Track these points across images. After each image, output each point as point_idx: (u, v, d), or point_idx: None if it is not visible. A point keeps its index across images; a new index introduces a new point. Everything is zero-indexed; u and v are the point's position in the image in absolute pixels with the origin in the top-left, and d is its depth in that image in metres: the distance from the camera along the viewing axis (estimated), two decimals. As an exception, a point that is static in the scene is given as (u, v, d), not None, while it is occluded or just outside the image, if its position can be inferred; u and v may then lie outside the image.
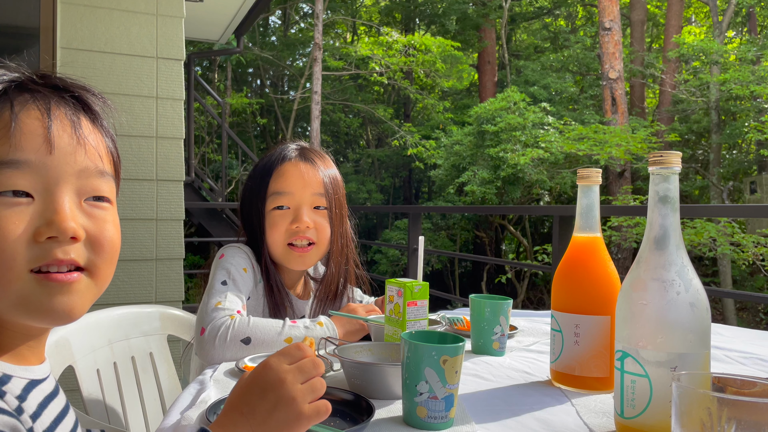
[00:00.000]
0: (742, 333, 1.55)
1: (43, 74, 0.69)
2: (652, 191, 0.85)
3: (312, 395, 0.70)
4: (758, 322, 10.87)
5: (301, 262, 1.45)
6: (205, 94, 12.27)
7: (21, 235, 0.61)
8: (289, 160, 1.46)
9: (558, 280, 1.08)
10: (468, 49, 15.62)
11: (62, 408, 0.69)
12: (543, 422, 0.88)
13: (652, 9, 15.99)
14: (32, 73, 0.68)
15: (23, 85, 0.66)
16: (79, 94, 0.70)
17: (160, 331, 1.64)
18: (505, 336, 1.26)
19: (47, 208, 0.63)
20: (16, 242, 0.61)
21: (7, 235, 0.61)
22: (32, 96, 0.65)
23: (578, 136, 10.21)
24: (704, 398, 0.60)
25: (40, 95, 0.66)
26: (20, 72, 0.68)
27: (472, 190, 10.99)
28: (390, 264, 13.09)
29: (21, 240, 0.61)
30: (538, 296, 13.03)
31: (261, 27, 17.70)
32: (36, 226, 0.62)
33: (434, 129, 14.34)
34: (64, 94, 0.68)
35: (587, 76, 14.78)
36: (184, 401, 0.95)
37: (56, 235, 0.63)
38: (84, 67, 2.82)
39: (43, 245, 0.62)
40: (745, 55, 10.75)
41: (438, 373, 0.82)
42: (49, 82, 0.68)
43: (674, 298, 0.79)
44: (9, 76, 0.66)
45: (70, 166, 0.66)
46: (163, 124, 3.01)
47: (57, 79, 0.69)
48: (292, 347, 0.73)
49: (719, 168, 12.12)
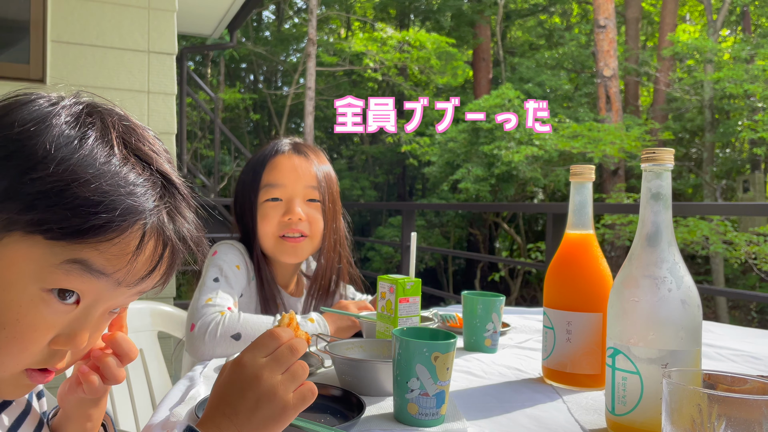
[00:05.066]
0: (733, 330, 1.55)
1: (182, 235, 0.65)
2: (644, 188, 0.84)
3: (294, 383, 0.67)
4: (750, 320, 10.94)
5: (293, 253, 1.44)
6: (198, 89, 12.21)
7: (44, 337, 0.59)
8: (282, 153, 1.46)
9: (550, 277, 1.07)
10: (463, 45, 15.61)
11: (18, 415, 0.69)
12: (534, 419, 0.88)
13: (647, 7, 16.02)
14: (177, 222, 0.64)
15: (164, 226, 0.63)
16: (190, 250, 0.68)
17: (151, 327, 1.63)
18: (497, 333, 1.26)
19: (76, 324, 0.61)
20: (38, 343, 0.59)
21: (36, 336, 0.59)
22: (170, 245, 0.63)
23: (572, 134, 10.23)
24: (695, 395, 0.60)
25: (171, 242, 0.63)
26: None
27: (466, 187, 11.00)
28: (383, 261, 13.09)
29: (42, 341, 0.59)
30: (532, 294, 13.07)
31: (254, 22, 17.63)
32: (57, 334, 0.60)
33: (428, 125, 14.34)
34: (184, 247, 0.66)
35: (582, 73, 14.80)
36: (174, 397, 0.95)
37: (68, 349, 0.62)
38: (75, 61, 2.80)
39: (51, 350, 0.61)
40: (739, 53, 10.79)
41: (429, 369, 0.82)
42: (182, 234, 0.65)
43: (666, 295, 0.79)
44: (164, 202, 0.63)
45: (130, 292, 0.64)
46: (154, 119, 2.99)
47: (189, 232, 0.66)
48: (266, 336, 0.70)
49: (712, 166, 12.17)
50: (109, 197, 0.57)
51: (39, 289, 0.57)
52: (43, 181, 0.55)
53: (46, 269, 0.57)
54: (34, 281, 0.57)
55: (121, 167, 0.59)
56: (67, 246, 0.56)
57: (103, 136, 0.60)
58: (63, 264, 0.57)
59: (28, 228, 0.56)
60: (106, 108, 0.65)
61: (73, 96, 0.64)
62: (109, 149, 0.59)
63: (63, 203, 0.55)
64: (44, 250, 0.56)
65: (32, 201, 0.55)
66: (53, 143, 0.57)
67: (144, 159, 0.62)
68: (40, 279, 0.57)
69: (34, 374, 0.61)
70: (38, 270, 0.57)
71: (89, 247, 0.57)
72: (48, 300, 0.58)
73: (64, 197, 0.55)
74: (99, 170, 0.57)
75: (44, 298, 0.58)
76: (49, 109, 0.60)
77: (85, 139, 0.58)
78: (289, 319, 0.75)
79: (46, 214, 0.55)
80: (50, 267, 0.57)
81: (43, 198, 0.55)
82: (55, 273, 0.57)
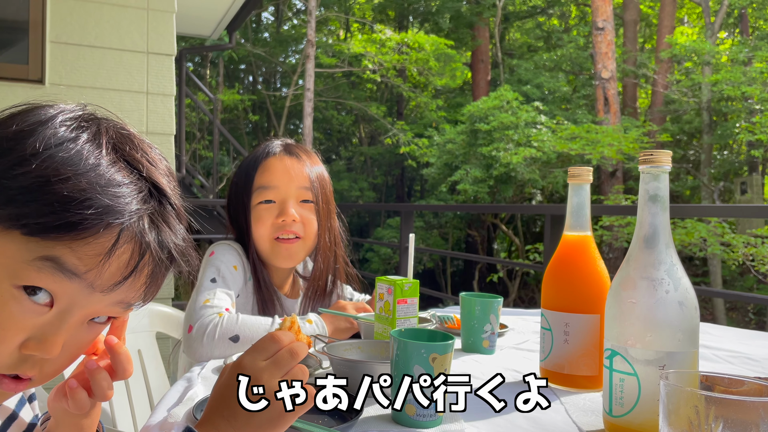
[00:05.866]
0: (730, 332, 1.55)
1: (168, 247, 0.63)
2: (642, 190, 0.84)
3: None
4: (748, 321, 10.96)
5: (287, 256, 1.44)
6: (197, 90, 12.22)
7: (14, 338, 0.58)
8: (274, 155, 1.46)
9: (548, 278, 1.08)
10: (461, 47, 15.63)
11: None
12: (532, 421, 0.88)
13: (645, 9, 16.05)
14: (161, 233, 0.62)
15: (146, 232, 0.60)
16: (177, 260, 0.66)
17: (149, 328, 1.63)
18: (495, 334, 1.26)
19: (49, 328, 0.59)
20: (8, 343, 0.58)
21: (6, 335, 0.57)
22: (149, 253, 0.61)
23: (570, 136, 10.24)
24: (692, 396, 0.60)
25: (151, 251, 0.61)
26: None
27: (465, 188, 11.00)
28: (382, 262, 13.09)
29: (11, 342, 0.58)
30: (530, 295, 13.07)
31: (253, 23, 17.63)
32: (29, 337, 0.58)
33: (427, 127, 14.34)
34: (171, 260, 0.64)
35: (580, 75, 14.82)
36: (171, 398, 0.95)
37: (38, 355, 0.59)
38: (73, 62, 2.80)
39: (22, 355, 0.58)
40: (737, 56, 10.81)
41: (427, 371, 0.82)
42: (167, 246, 0.63)
43: (663, 296, 0.79)
44: (148, 207, 0.61)
45: (107, 300, 0.61)
46: (153, 119, 2.99)
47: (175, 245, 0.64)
48: (266, 339, 0.70)
49: (710, 168, 12.19)
50: (87, 195, 0.56)
51: (10, 285, 0.56)
52: (26, 176, 0.55)
53: (19, 265, 0.56)
54: (7, 277, 0.56)
55: (107, 169, 0.59)
56: (41, 242, 0.56)
57: (94, 139, 0.60)
58: (35, 260, 0.56)
59: (7, 223, 0.56)
60: (106, 117, 0.65)
61: (79, 105, 0.64)
62: (98, 152, 0.59)
63: (42, 199, 0.55)
64: (19, 246, 0.56)
65: (14, 195, 0.55)
66: (43, 142, 0.57)
67: (134, 165, 0.62)
68: (12, 275, 0.56)
69: (5, 381, 0.60)
70: (11, 265, 0.56)
71: (62, 244, 0.56)
72: (19, 297, 0.57)
73: (43, 192, 0.55)
74: (82, 169, 0.57)
75: (15, 295, 0.56)
76: (51, 113, 0.60)
77: (75, 140, 0.58)
78: (291, 323, 0.75)
79: (24, 209, 0.55)
80: (23, 263, 0.56)
81: (25, 193, 0.55)
82: (27, 269, 0.56)
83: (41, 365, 0.61)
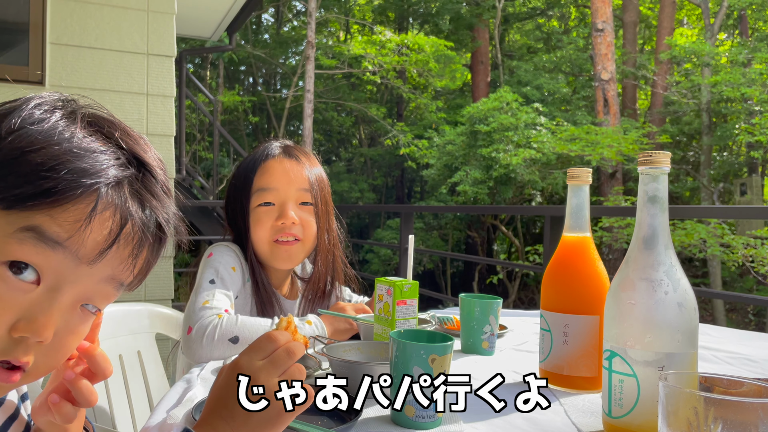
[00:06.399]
0: (730, 333, 1.56)
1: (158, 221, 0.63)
2: (641, 191, 0.85)
3: None
4: (747, 323, 10.95)
5: (287, 258, 1.44)
6: (197, 92, 12.21)
7: (2, 319, 0.56)
8: (273, 157, 1.45)
9: (547, 279, 1.08)
10: (461, 48, 15.63)
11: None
12: (531, 421, 0.88)
13: (645, 11, 16.06)
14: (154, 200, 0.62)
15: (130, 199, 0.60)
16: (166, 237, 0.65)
17: (149, 329, 1.63)
18: (494, 335, 1.26)
19: (38, 308, 0.57)
20: None
21: None
22: (131, 222, 0.60)
23: (570, 137, 10.24)
24: (691, 398, 0.60)
25: (132, 219, 0.60)
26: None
27: (465, 189, 11.01)
28: (382, 263, 13.09)
29: (2, 325, 0.56)
30: (530, 296, 13.07)
31: (254, 24, 17.64)
32: (18, 318, 0.57)
33: (427, 128, 14.35)
34: (158, 232, 0.64)
35: (580, 77, 14.83)
36: (171, 400, 0.95)
37: (30, 336, 0.57)
38: (74, 64, 2.80)
39: (12, 338, 0.57)
40: (736, 57, 10.82)
41: (426, 372, 0.82)
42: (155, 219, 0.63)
43: (662, 297, 0.79)
44: (126, 173, 0.60)
45: (96, 275, 0.60)
46: (153, 121, 3.00)
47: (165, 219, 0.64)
48: (263, 339, 0.70)
49: (710, 169, 12.19)
50: (60, 160, 0.56)
51: None
52: (0, 152, 0.56)
53: (0, 240, 0.55)
54: None
55: (82, 139, 0.59)
56: (21, 214, 0.55)
57: (69, 116, 0.60)
58: (16, 233, 0.55)
59: None
60: (87, 103, 0.65)
61: (57, 94, 0.65)
62: (74, 126, 0.59)
63: (16, 171, 0.55)
64: (0, 221, 0.56)
65: None
66: (19, 120, 0.57)
67: (109, 137, 0.61)
68: None
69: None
70: None
71: (41, 213, 0.55)
72: (3, 275, 0.55)
73: (17, 164, 0.55)
74: (56, 140, 0.57)
75: (0, 274, 0.56)
76: (28, 98, 0.61)
77: (50, 118, 0.59)
78: (287, 323, 0.75)
79: (0, 183, 0.55)
80: (4, 238, 0.55)
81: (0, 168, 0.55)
82: (9, 243, 0.55)
83: (35, 351, 0.59)
